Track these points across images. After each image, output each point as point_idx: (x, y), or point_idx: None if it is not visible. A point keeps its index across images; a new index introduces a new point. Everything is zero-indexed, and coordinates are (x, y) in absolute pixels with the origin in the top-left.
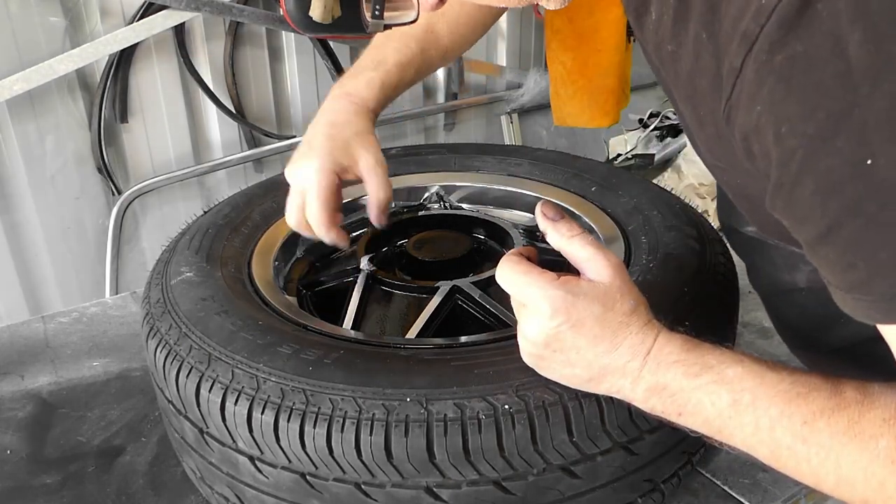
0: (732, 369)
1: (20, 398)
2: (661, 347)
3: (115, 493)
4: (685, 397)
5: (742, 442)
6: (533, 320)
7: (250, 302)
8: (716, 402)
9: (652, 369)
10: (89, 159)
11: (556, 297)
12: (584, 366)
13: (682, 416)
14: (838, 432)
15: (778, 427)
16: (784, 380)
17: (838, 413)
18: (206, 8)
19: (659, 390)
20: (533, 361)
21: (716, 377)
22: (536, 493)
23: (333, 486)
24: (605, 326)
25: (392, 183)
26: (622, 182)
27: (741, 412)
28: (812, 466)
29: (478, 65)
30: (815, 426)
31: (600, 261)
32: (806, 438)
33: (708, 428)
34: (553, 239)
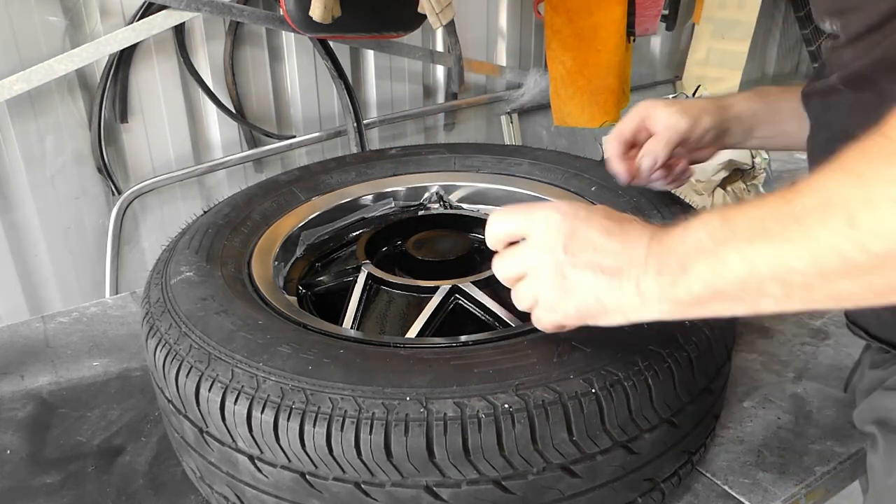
0: (724, 208)
1: (20, 398)
2: (662, 228)
3: (115, 493)
4: (684, 244)
5: (737, 252)
6: (546, 229)
7: (250, 301)
8: (710, 228)
9: (657, 240)
10: (89, 159)
11: (561, 204)
12: (604, 264)
13: (687, 271)
14: (816, 180)
15: (764, 207)
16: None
17: (816, 175)
18: (206, 8)
19: (663, 256)
20: (557, 284)
21: (707, 216)
22: (536, 493)
23: (333, 486)
24: (613, 220)
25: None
26: None
27: (732, 220)
28: (797, 218)
29: (478, 65)
30: (797, 186)
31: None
32: (788, 198)
33: (708, 263)
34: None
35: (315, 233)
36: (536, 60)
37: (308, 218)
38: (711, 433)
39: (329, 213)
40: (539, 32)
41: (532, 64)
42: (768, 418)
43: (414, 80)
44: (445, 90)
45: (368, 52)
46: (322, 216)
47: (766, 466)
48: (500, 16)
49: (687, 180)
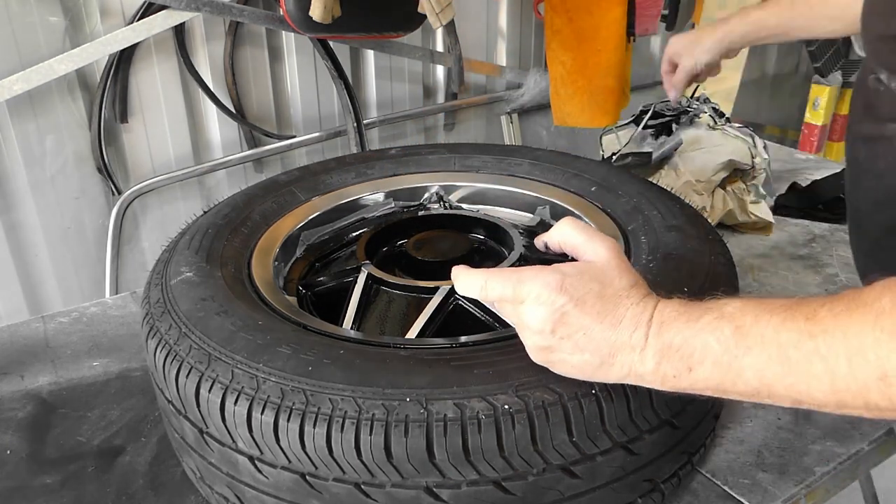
0: (731, 305)
1: (20, 398)
2: (661, 310)
3: (115, 493)
4: (691, 346)
5: (752, 369)
6: (535, 310)
7: (250, 302)
8: (720, 336)
9: (656, 332)
10: (89, 159)
11: (554, 279)
12: (593, 348)
13: (693, 371)
14: (840, 312)
15: (783, 332)
16: (785, 300)
17: (836, 300)
18: (206, 8)
19: (665, 351)
20: (543, 357)
21: (716, 315)
22: (536, 493)
23: (333, 487)
24: (607, 301)
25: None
26: (622, 182)
27: (745, 334)
28: (823, 357)
29: (478, 65)
30: (818, 317)
31: (594, 242)
32: (811, 331)
33: (718, 370)
34: (549, 239)
35: (315, 233)
36: (536, 60)
37: (308, 218)
38: (711, 434)
39: (329, 214)
40: (539, 32)
41: (532, 64)
42: (768, 418)
43: (414, 80)
44: (445, 90)
45: (368, 52)
46: (322, 216)
47: (766, 467)
48: (500, 16)
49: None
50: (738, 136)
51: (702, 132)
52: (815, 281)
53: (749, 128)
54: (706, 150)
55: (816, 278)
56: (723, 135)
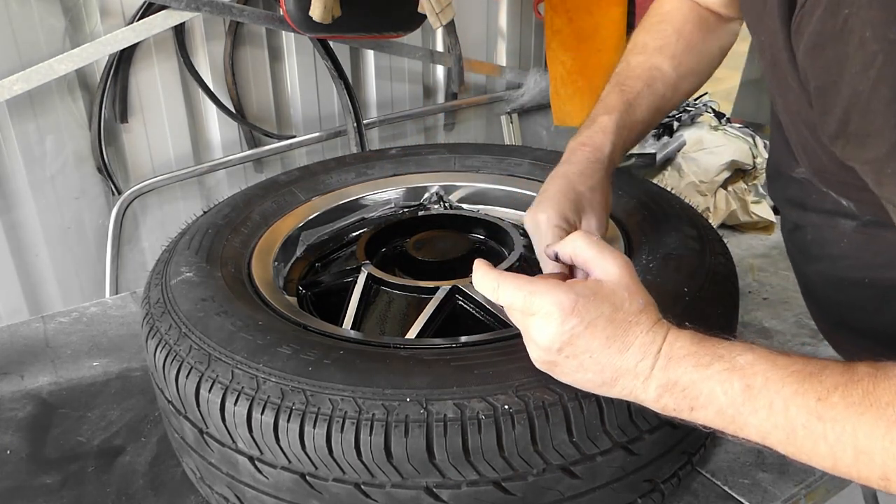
0: (743, 357)
1: (20, 398)
2: (671, 344)
3: (115, 493)
4: (697, 390)
5: (756, 428)
6: (545, 327)
7: (250, 302)
8: (728, 390)
9: (662, 366)
10: (89, 159)
11: (567, 299)
12: (597, 370)
13: (695, 411)
14: (853, 404)
15: (792, 406)
16: (796, 362)
17: (852, 386)
18: (206, 8)
19: (670, 387)
20: (546, 368)
21: (727, 365)
22: (536, 494)
23: (333, 487)
24: (617, 326)
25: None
26: (622, 182)
27: (754, 396)
28: (829, 444)
29: (478, 65)
30: (830, 401)
31: (608, 259)
32: (821, 415)
33: (721, 419)
34: (561, 250)
35: (315, 233)
36: (536, 60)
37: (308, 218)
38: (711, 434)
39: (329, 214)
40: (539, 32)
41: (532, 64)
42: None
43: (414, 80)
44: (445, 90)
45: (368, 52)
46: (322, 216)
47: (765, 467)
48: (500, 16)
49: None
50: (739, 137)
51: (704, 133)
52: None
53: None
54: (709, 151)
55: None
56: (725, 135)
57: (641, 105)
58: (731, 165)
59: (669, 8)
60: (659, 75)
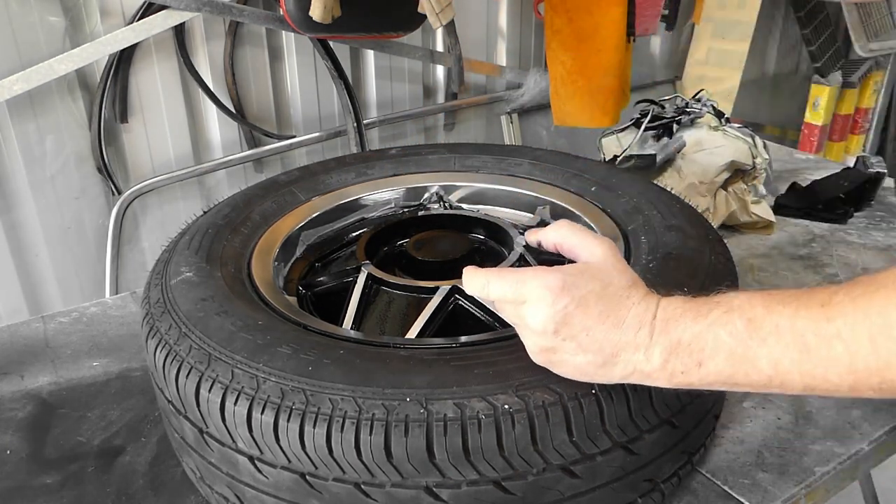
0: (738, 298)
1: (20, 398)
2: (665, 308)
3: (115, 493)
4: (701, 341)
5: (768, 359)
6: (537, 311)
7: (250, 302)
8: (732, 330)
9: (661, 329)
10: (89, 159)
11: (555, 280)
12: (596, 349)
13: (703, 365)
14: (857, 296)
15: (798, 320)
16: (788, 291)
17: (851, 286)
18: (206, 8)
19: (674, 348)
20: (545, 358)
21: (725, 308)
22: (536, 493)
23: (333, 486)
24: (609, 301)
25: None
26: (622, 182)
27: (759, 326)
28: (843, 340)
29: (478, 65)
30: (834, 301)
31: (591, 242)
32: (829, 315)
33: (731, 362)
34: (544, 237)
35: (315, 233)
36: (536, 60)
37: (308, 218)
38: (711, 433)
39: (329, 214)
40: (539, 32)
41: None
42: (768, 418)
43: (414, 80)
44: (445, 90)
45: (368, 52)
46: (322, 216)
47: (765, 467)
48: (500, 16)
49: None
50: (738, 137)
51: (703, 133)
52: (814, 281)
53: (749, 128)
54: (708, 152)
55: (816, 278)
56: (724, 136)
57: None
58: (730, 166)
59: None
60: None
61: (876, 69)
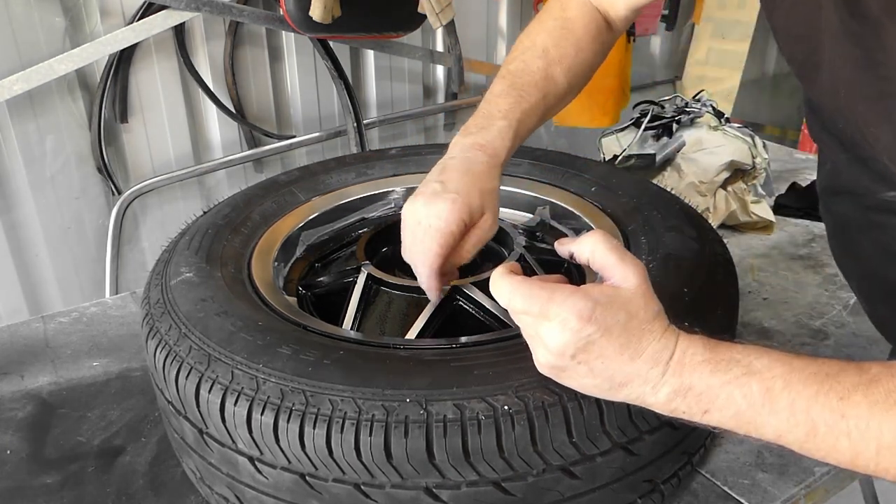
0: (759, 361)
1: (20, 398)
2: (684, 350)
3: (115, 493)
4: (713, 394)
5: (774, 428)
6: (560, 333)
7: (250, 302)
8: (747, 393)
9: (676, 372)
10: (89, 159)
11: (585, 307)
12: (608, 376)
13: (709, 413)
14: (877, 402)
15: (815, 406)
16: (812, 363)
17: (874, 385)
18: (206, 8)
19: (683, 392)
20: (553, 373)
21: (744, 370)
22: (536, 494)
23: (333, 487)
24: (631, 334)
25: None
26: (622, 182)
27: (774, 398)
28: (852, 440)
29: (478, 65)
30: (853, 400)
31: (628, 265)
32: (845, 413)
33: (737, 421)
34: (578, 250)
35: (315, 233)
36: None
37: (308, 218)
38: (711, 434)
39: (329, 214)
40: None
41: None
42: None
43: (414, 80)
44: (445, 90)
45: (368, 52)
46: (322, 216)
47: (765, 467)
48: (500, 16)
49: None
50: (738, 137)
51: (703, 133)
52: (814, 281)
53: (749, 128)
54: (708, 152)
55: (816, 278)
56: (724, 135)
57: (533, 116)
58: (730, 166)
59: (573, 15)
60: (553, 89)
61: None
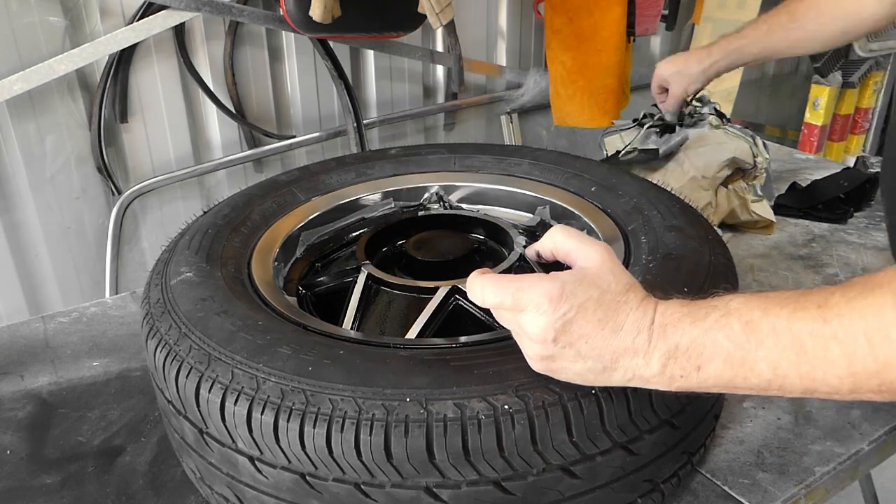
0: (735, 301)
1: (20, 398)
2: (662, 313)
3: (115, 493)
4: (699, 345)
5: (766, 361)
6: (536, 319)
7: (250, 302)
8: (729, 333)
9: (659, 335)
10: (89, 159)
11: (553, 287)
12: (596, 355)
13: (702, 369)
14: (853, 297)
15: (795, 322)
16: (785, 292)
17: (847, 287)
18: (206, 8)
19: (672, 353)
20: (544, 366)
21: (722, 312)
22: (536, 494)
23: (333, 487)
24: (607, 308)
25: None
26: (622, 182)
27: (756, 328)
28: (840, 341)
29: (478, 65)
30: (831, 302)
31: (586, 247)
32: (825, 317)
33: (730, 365)
34: (541, 247)
35: (315, 233)
36: (536, 60)
37: (308, 218)
38: (711, 434)
39: (329, 214)
40: (539, 32)
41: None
42: (768, 419)
43: (414, 80)
44: (445, 90)
45: (368, 52)
46: (322, 216)
47: (765, 467)
48: (500, 16)
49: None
50: (739, 136)
51: (705, 131)
52: (814, 281)
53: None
54: (711, 147)
55: (816, 278)
56: (725, 133)
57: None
58: (732, 163)
59: None
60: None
61: (876, 69)
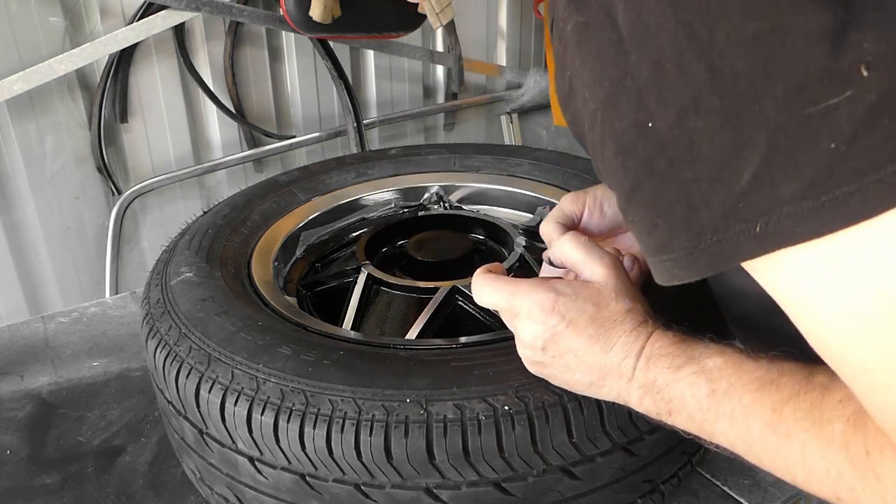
0: (713, 360)
1: (20, 398)
2: (653, 344)
3: (115, 494)
4: (671, 392)
5: (723, 436)
6: (528, 325)
7: (250, 302)
8: (696, 393)
9: (643, 366)
10: (89, 159)
11: (547, 298)
12: (584, 370)
13: (672, 415)
14: (801, 418)
15: (750, 416)
16: (761, 367)
17: (802, 397)
18: (206, 8)
19: (649, 388)
20: (537, 370)
21: (696, 368)
22: (536, 494)
23: (333, 487)
24: (600, 325)
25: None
26: None
27: (718, 402)
28: (783, 458)
29: (478, 65)
30: (782, 413)
31: (594, 261)
32: (774, 426)
33: (692, 424)
34: (552, 255)
35: (315, 233)
36: (536, 60)
37: (308, 218)
38: None
39: (329, 214)
40: (539, 32)
41: (532, 64)
42: None
43: (414, 80)
44: (445, 90)
45: (368, 52)
46: (322, 217)
47: None
48: (500, 16)
49: None
50: None
51: None
52: None
53: None
54: None
55: None
56: None
57: None
58: None
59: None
60: None
61: None
